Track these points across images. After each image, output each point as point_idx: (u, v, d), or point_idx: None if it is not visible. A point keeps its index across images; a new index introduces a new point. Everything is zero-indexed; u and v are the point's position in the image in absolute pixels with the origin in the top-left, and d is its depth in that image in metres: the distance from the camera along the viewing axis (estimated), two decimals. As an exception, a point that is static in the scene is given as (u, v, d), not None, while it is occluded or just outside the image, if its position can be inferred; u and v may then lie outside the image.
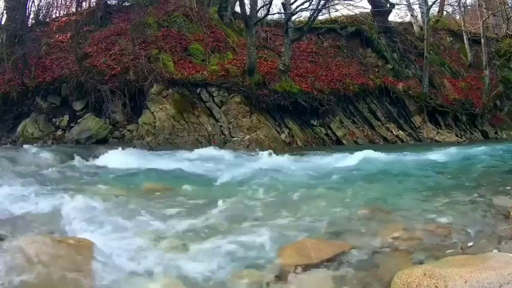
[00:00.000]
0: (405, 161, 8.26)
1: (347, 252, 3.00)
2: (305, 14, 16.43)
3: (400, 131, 14.27)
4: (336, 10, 17.87)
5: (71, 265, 2.45)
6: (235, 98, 11.54)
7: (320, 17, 16.48)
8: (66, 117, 11.46)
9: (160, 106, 11.04)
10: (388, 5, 16.95)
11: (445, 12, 22.05)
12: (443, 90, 15.85)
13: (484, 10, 19.37)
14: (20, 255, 2.41)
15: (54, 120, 11.49)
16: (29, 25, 13.96)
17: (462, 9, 21.04)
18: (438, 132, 14.78)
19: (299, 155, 9.13)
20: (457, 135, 15.09)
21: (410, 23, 18.42)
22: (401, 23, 18.78)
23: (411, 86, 14.88)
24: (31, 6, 14.39)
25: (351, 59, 15.60)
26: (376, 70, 15.31)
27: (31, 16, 14.43)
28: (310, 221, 3.79)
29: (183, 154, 8.65)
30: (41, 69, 12.07)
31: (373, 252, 3.03)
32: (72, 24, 13.71)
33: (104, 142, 10.71)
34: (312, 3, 13.28)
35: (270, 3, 16.28)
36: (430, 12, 17.28)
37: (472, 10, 23.53)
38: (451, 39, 19.38)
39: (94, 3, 15.63)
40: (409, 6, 18.58)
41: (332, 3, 15.79)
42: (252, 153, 9.08)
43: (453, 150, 9.83)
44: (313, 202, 4.56)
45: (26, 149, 8.22)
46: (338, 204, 4.46)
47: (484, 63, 16.60)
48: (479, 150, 10.22)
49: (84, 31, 13.45)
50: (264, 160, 7.99)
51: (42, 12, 15.42)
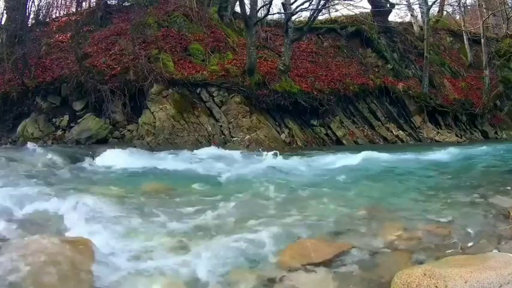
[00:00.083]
0: (405, 161, 8.26)
1: (347, 252, 3.01)
2: (305, 14, 16.46)
3: (400, 131, 14.26)
4: (336, 10, 17.90)
5: (71, 265, 2.45)
6: (235, 98, 11.54)
7: (320, 17, 16.51)
8: (66, 117, 11.46)
9: (160, 106, 11.04)
10: (388, 5, 16.94)
11: (445, 12, 22.07)
12: (443, 90, 15.85)
13: (484, 10, 19.36)
14: (21, 255, 2.41)
15: (54, 120, 11.50)
16: (29, 25, 13.96)
17: (462, 9, 21.05)
18: (438, 132, 14.78)
19: (300, 155, 9.12)
20: (457, 135, 15.08)
21: (410, 23, 18.41)
22: (401, 23, 18.77)
23: (411, 86, 14.87)
24: (31, 6, 14.42)
25: (351, 59, 15.59)
26: (376, 70, 15.31)
27: (31, 16, 14.45)
28: (312, 221, 3.80)
29: (184, 154, 8.62)
30: (41, 69, 12.07)
31: (373, 252, 3.03)
32: (72, 24, 13.71)
33: (104, 142, 10.71)
34: (312, 3, 13.31)
35: (270, 3, 16.30)
36: (430, 12, 17.29)
37: (472, 10, 23.52)
38: (451, 39, 19.37)
39: (94, 3, 15.64)
40: (409, 6, 18.59)
41: (332, 3, 15.81)
42: (255, 153, 9.05)
43: (453, 150, 9.82)
44: (315, 202, 4.57)
45: (28, 149, 8.22)
46: (339, 203, 4.46)
47: (484, 63, 16.60)
48: (479, 150, 10.24)
49: (84, 31, 13.45)
50: (268, 160, 7.97)
51: (42, 12, 15.44)
